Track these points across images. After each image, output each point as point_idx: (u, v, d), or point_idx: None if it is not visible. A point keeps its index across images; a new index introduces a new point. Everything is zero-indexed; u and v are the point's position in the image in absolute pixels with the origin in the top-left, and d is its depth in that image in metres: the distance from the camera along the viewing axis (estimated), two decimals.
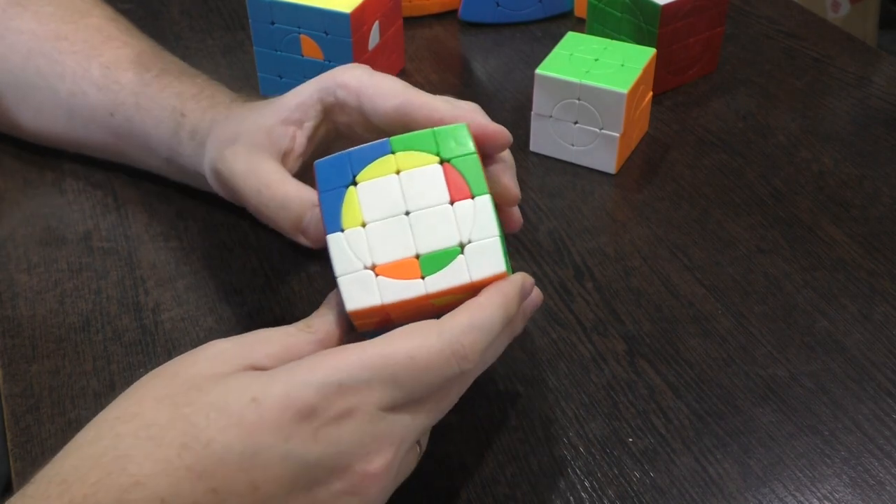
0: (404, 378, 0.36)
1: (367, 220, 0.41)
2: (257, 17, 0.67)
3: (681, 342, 0.52)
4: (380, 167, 0.42)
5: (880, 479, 0.45)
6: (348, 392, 0.35)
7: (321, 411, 0.35)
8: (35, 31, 0.61)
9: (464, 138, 0.42)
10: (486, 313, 0.38)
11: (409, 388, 0.37)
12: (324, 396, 0.35)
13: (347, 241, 0.40)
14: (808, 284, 0.55)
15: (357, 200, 0.41)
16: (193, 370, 0.36)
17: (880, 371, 0.50)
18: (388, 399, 0.36)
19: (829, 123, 0.69)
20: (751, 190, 0.63)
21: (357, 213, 0.41)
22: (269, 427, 0.34)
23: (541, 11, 0.82)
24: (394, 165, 0.42)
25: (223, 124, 0.51)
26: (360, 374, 0.36)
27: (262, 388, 0.35)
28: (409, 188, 0.41)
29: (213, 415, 0.34)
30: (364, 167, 0.42)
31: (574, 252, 0.58)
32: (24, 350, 0.51)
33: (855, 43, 0.79)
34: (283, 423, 0.34)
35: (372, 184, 0.41)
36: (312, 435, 0.35)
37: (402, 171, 0.41)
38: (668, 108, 0.71)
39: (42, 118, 0.62)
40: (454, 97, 0.74)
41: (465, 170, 0.41)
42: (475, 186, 0.41)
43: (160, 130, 0.56)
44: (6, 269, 0.56)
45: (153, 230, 0.59)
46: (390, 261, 0.40)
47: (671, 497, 0.44)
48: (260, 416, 0.34)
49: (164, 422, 0.34)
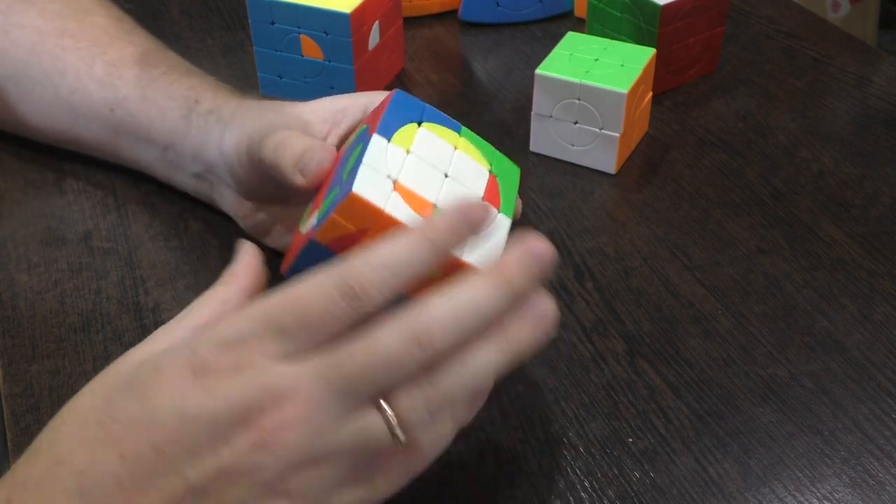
0: (287, 322, 0.34)
1: (413, 151, 0.41)
2: (257, 17, 0.67)
3: (681, 342, 0.52)
4: (444, 133, 0.43)
5: (880, 479, 0.45)
6: (237, 345, 0.35)
7: (211, 365, 0.34)
8: (40, 27, 0.61)
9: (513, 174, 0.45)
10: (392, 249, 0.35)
11: (297, 332, 0.34)
12: (211, 351, 0.35)
13: (388, 150, 0.41)
14: (808, 284, 0.55)
15: (414, 135, 0.42)
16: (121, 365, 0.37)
17: (880, 371, 0.50)
18: (280, 347, 0.34)
19: (829, 123, 0.69)
20: (751, 190, 0.63)
21: (408, 142, 0.42)
22: (166, 389, 0.34)
23: (541, 11, 0.82)
24: (455, 141, 0.44)
25: (255, 109, 0.53)
26: (245, 325, 0.35)
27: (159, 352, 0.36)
28: (457, 163, 0.43)
29: (123, 389, 0.35)
30: (432, 122, 0.44)
31: (574, 252, 0.58)
32: (24, 350, 0.51)
33: (855, 43, 0.79)
34: (177, 382, 0.34)
35: (432, 136, 0.43)
36: (204, 389, 0.34)
37: (459, 149, 0.43)
38: (668, 108, 0.71)
39: (42, 114, 0.62)
40: (454, 97, 0.74)
41: (503, 190, 0.43)
42: (505, 206, 0.43)
43: (166, 118, 0.56)
44: (6, 269, 0.56)
45: (153, 230, 0.59)
46: (412, 190, 0.40)
47: (671, 497, 0.44)
48: (159, 380, 0.35)
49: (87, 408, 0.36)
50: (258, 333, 0.35)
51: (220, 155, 0.53)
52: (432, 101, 0.72)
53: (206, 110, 0.55)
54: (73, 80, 0.60)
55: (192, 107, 0.56)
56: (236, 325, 0.35)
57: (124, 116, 0.58)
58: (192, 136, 0.55)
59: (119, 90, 0.58)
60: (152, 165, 0.60)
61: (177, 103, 0.56)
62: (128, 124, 0.58)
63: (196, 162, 0.56)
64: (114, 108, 0.59)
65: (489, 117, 0.70)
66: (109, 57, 0.60)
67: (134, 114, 0.58)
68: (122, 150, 0.61)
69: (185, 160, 0.57)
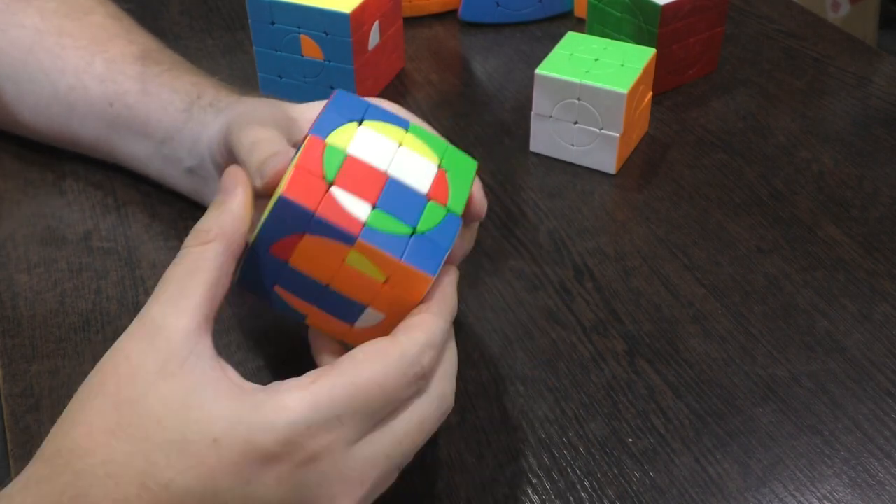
0: (375, 407, 0.36)
1: (350, 152, 0.39)
2: (257, 17, 0.67)
3: (681, 342, 0.52)
4: (388, 130, 0.41)
5: (880, 479, 0.45)
6: (317, 433, 0.34)
7: (285, 456, 0.34)
8: (38, 26, 0.61)
9: (468, 168, 0.42)
10: (439, 326, 0.38)
11: (375, 417, 0.36)
12: (288, 441, 0.34)
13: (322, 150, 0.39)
14: (808, 284, 0.55)
15: (353, 135, 0.40)
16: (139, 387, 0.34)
17: (880, 371, 0.50)
18: (358, 431, 0.35)
19: (829, 123, 0.69)
20: (751, 190, 0.63)
21: (346, 141, 0.40)
22: (229, 470, 0.33)
23: (541, 11, 0.82)
24: (400, 138, 0.41)
25: (248, 104, 0.52)
26: (330, 412, 0.34)
27: (224, 427, 0.33)
28: (400, 160, 0.40)
29: (172, 454, 0.33)
30: (375, 120, 0.41)
31: (574, 252, 0.58)
32: (24, 350, 0.51)
33: (855, 43, 0.79)
34: (244, 467, 0.33)
35: (373, 134, 0.41)
36: (276, 480, 0.34)
37: (404, 146, 0.41)
38: (668, 108, 0.71)
39: (39, 113, 0.62)
40: (454, 97, 0.74)
41: (453, 185, 0.41)
42: (454, 202, 0.41)
43: (167, 111, 0.56)
44: (6, 269, 0.56)
45: (153, 230, 0.59)
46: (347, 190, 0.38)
47: (671, 497, 0.44)
48: (220, 458, 0.33)
49: (122, 458, 0.33)
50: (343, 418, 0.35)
51: (209, 145, 0.53)
52: (432, 101, 0.72)
53: (206, 103, 0.55)
54: (73, 78, 0.60)
55: (194, 101, 0.56)
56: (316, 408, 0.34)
57: (122, 110, 0.58)
58: (190, 129, 0.55)
59: (120, 84, 0.59)
60: (146, 161, 0.60)
61: (179, 97, 0.57)
62: (125, 118, 0.58)
63: (191, 155, 0.56)
64: (113, 103, 0.59)
65: (489, 117, 0.70)
66: (110, 54, 0.60)
67: (133, 107, 0.58)
68: (116, 147, 0.60)
69: (181, 153, 0.56)
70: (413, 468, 0.45)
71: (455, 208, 0.40)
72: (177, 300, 0.36)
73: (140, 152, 0.60)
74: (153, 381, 0.34)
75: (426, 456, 0.46)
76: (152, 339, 0.35)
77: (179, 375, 0.34)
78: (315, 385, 0.35)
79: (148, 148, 0.59)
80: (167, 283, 0.36)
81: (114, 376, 0.35)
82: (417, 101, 0.72)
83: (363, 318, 0.40)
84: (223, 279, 0.37)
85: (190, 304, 0.35)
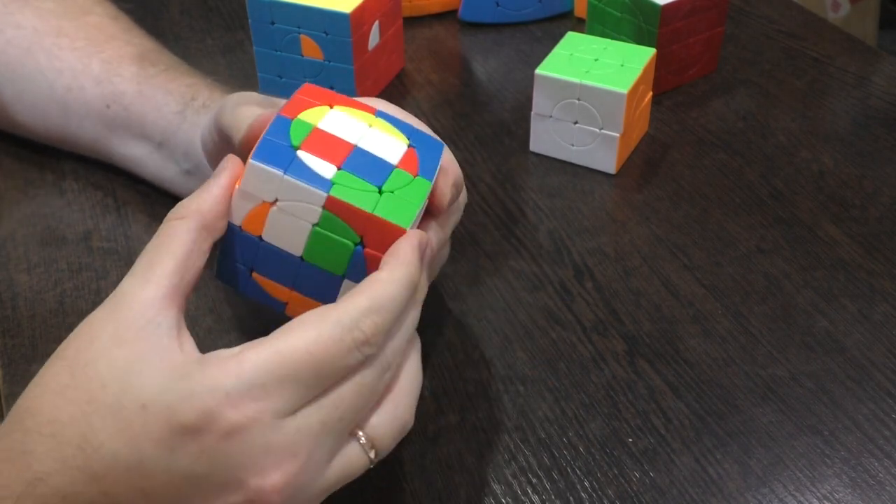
0: (304, 375, 0.34)
1: (318, 126, 0.40)
2: (257, 17, 0.67)
3: (681, 342, 0.52)
4: (357, 114, 0.42)
5: (880, 479, 0.45)
6: (240, 403, 0.33)
7: (206, 427, 0.33)
8: (36, 26, 0.61)
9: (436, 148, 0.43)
10: (388, 291, 0.36)
11: (309, 386, 0.34)
12: (208, 413, 0.33)
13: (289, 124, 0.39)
14: (808, 284, 0.55)
15: (323, 115, 0.41)
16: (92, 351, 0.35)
17: (880, 371, 0.50)
18: (287, 402, 0.34)
19: (829, 123, 0.69)
20: (751, 190, 0.63)
21: (317, 118, 0.40)
22: (153, 438, 0.33)
23: (541, 11, 0.82)
24: (370, 121, 0.42)
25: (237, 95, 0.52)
26: (255, 381, 0.33)
27: (153, 395, 0.33)
28: (369, 137, 0.41)
29: (107, 418, 0.33)
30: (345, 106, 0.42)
31: (574, 252, 0.58)
32: (24, 350, 0.51)
33: (855, 43, 0.79)
34: (167, 436, 0.33)
35: (343, 115, 0.41)
36: (198, 451, 0.33)
37: (374, 127, 0.41)
38: (668, 108, 0.71)
39: (36, 113, 0.62)
40: (454, 97, 0.74)
41: (422, 160, 0.41)
42: (423, 171, 0.41)
43: (162, 112, 0.56)
44: (6, 269, 0.56)
45: (153, 230, 0.58)
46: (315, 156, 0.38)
47: (671, 497, 0.44)
48: (145, 425, 0.33)
49: (65, 419, 0.34)
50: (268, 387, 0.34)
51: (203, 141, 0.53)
52: (432, 101, 0.72)
53: (200, 105, 0.55)
54: (70, 79, 0.60)
55: (189, 103, 0.56)
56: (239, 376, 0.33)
57: (119, 111, 0.58)
58: (185, 131, 0.55)
59: (116, 86, 0.59)
60: (144, 163, 0.60)
61: (173, 98, 0.57)
62: (122, 120, 0.58)
63: (187, 158, 0.56)
64: (109, 104, 0.59)
65: (489, 117, 0.70)
66: (107, 55, 0.60)
67: (129, 109, 0.58)
68: (114, 148, 0.60)
69: (176, 156, 0.57)
70: (413, 468, 0.45)
71: (423, 174, 0.40)
72: (144, 271, 0.36)
73: (137, 154, 0.60)
74: (106, 347, 0.35)
75: (426, 456, 0.46)
76: (114, 308, 0.36)
77: (131, 342, 0.34)
78: (241, 354, 0.34)
79: (145, 150, 0.59)
80: (141, 256, 0.37)
81: (74, 341, 0.36)
82: (417, 101, 0.72)
83: (342, 293, 0.39)
84: (195, 253, 0.37)
85: (155, 274, 0.36)
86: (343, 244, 0.38)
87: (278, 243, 0.39)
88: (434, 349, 0.52)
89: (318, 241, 0.38)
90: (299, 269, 0.39)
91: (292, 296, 0.40)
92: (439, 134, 0.57)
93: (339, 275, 0.39)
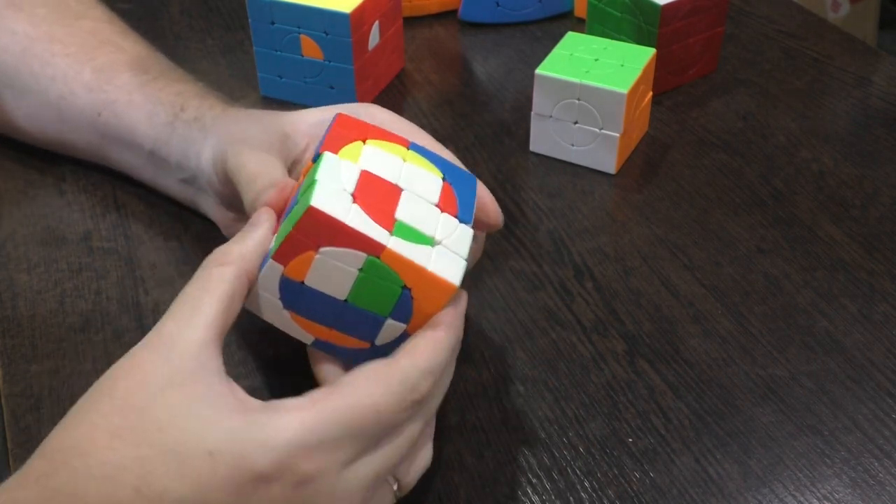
0: (370, 431, 0.36)
1: (361, 164, 0.40)
2: (257, 17, 0.67)
3: (681, 342, 0.52)
4: (390, 147, 0.42)
5: (880, 479, 0.45)
6: (312, 455, 0.34)
7: (279, 477, 0.34)
8: (29, 32, 0.61)
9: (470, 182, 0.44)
10: (442, 355, 0.38)
11: (371, 438, 0.36)
12: (282, 463, 0.34)
13: (339, 164, 0.39)
14: (808, 284, 0.55)
15: (360, 152, 0.41)
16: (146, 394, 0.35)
17: (880, 371, 0.50)
18: (352, 454, 0.36)
19: (829, 123, 0.69)
20: (751, 190, 0.63)
21: (356, 157, 0.41)
22: (222, 486, 0.33)
23: (541, 11, 0.82)
24: (403, 154, 0.42)
25: (235, 119, 0.52)
26: (327, 435, 0.35)
27: (221, 442, 0.34)
28: (408, 174, 0.41)
29: (169, 463, 0.33)
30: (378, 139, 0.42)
31: (574, 252, 0.58)
32: (24, 350, 0.51)
33: (855, 43, 0.79)
34: (237, 484, 0.33)
35: (378, 151, 0.41)
36: (268, 499, 0.34)
37: (408, 161, 0.42)
38: (668, 108, 0.71)
39: (32, 119, 0.62)
40: (454, 97, 0.74)
41: (460, 197, 0.42)
42: (463, 213, 0.41)
43: (152, 122, 0.56)
44: (6, 269, 0.56)
45: (153, 230, 0.59)
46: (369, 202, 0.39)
47: (671, 497, 0.44)
48: (214, 472, 0.33)
49: (120, 462, 0.33)
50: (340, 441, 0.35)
51: (199, 165, 0.53)
52: (432, 101, 0.72)
53: (190, 118, 0.55)
54: (63, 87, 0.59)
55: (178, 113, 0.55)
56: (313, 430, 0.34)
57: (111, 120, 0.58)
58: (176, 144, 0.55)
59: (108, 94, 0.58)
60: (139, 170, 0.60)
61: (163, 108, 0.56)
62: (114, 128, 0.58)
63: (181, 169, 0.56)
64: (101, 113, 0.58)
65: (489, 117, 0.70)
66: (98, 62, 0.59)
67: (120, 118, 0.58)
68: (109, 155, 0.60)
69: (170, 166, 0.56)
70: None
71: (465, 219, 0.41)
72: (191, 315, 0.37)
73: (132, 161, 0.59)
74: (161, 390, 0.35)
75: None
76: (165, 350, 0.36)
77: (186, 386, 0.35)
78: (314, 408, 0.35)
79: (138, 158, 0.58)
80: (183, 298, 0.37)
81: (124, 381, 0.35)
82: (417, 101, 0.72)
83: (383, 331, 0.40)
84: (236, 300, 0.38)
85: (203, 319, 0.36)
86: (391, 289, 0.39)
87: (322, 288, 0.39)
88: None
89: (364, 285, 0.39)
90: (342, 311, 0.40)
91: (331, 334, 0.41)
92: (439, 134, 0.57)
93: (383, 315, 0.40)
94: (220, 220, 0.56)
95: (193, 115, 0.55)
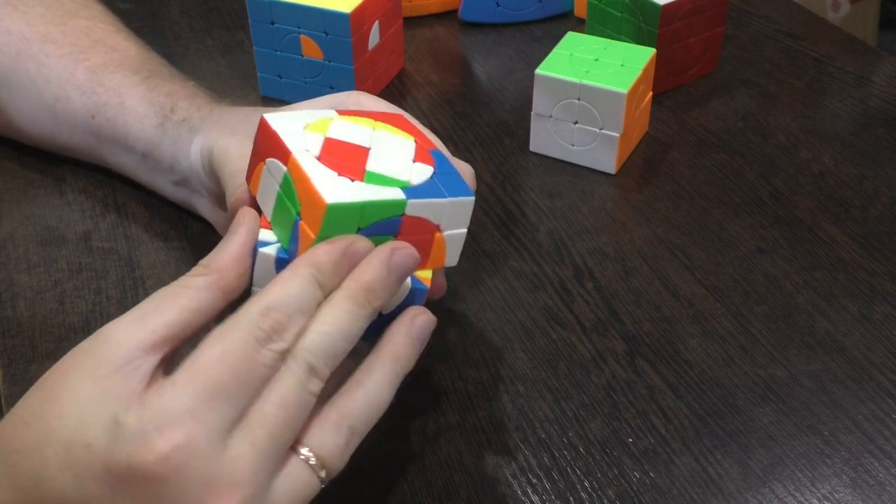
0: (228, 387, 0.33)
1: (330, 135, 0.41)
2: (257, 17, 0.67)
3: (681, 342, 0.52)
4: (358, 119, 0.43)
5: (880, 479, 0.45)
6: (167, 432, 0.33)
7: (138, 467, 0.33)
8: (24, 32, 0.61)
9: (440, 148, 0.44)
10: (296, 286, 0.35)
11: (232, 399, 0.34)
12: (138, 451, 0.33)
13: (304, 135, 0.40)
14: (808, 284, 0.55)
15: (329, 124, 0.41)
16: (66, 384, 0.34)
17: (880, 371, 0.50)
18: (219, 423, 0.33)
19: (829, 123, 0.69)
20: (751, 190, 0.63)
21: (323, 128, 0.41)
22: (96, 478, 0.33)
23: (541, 11, 0.82)
24: (372, 124, 0.43)
25: (224, 115, 0.52)
26: (178, 407, 0.33)
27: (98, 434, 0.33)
28: (378, 138, 0.42)
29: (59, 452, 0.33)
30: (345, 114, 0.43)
31: (574, 252, 0.58)
32: (24, 350, 0.51)
33: (855, 43, 0.79)
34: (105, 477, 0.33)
35: (346, 121, 0.42)
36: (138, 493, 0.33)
37: (378, 130, 0.42)
38: (668, 108, 0.71)
39: (29, 120, 0.62)
40: (454, 97, 0.74)
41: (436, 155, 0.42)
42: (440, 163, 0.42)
43: (143, 124, 0.56)
44: (6, 269, 0.56)
45: (153, 230, 0.59)
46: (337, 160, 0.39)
47: (671, 497, 0.44)
48: (88, 463, 0.33)
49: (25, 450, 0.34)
50: (192, 411, 0.33)
51: (190, 166, 0.53)
52: (432, 101, 0.72)
53: (179, 119, 0.55)
54: (57, 88, 0.59)
55: (168, 115, 0.55)
56: (171, 404, 0.33)
57: (103, 122, 0.58)
58: (167, 147, 0.55)
59: (100, 97, 0.58)
60: (134, 171, 0.60)
61: (153, 111, 0.56)
62: (107, 131, 0.58)
63: (173, 171, 0.56)
64: (94, 115, 0.58)
65: (489, 117, 0.70)
66: (91, 63, 0.59)
67: (113, 120, 0.58)
68: (105, 156, 0.60)
69: (162, 168, 0.56)
70: (413, 468, 0.45)
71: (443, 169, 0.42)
72: (144, 313, 0.36)
73: (126, 163, 0.59)
74: (79, 380, 0.34)
75: (426, 456, 0.46)
76: (100, 343, 0.35)
77: (103, 380, 0.34)
78: (161, 387, 0.34)
79: (132, 160, 0.59)
80: (150, 297, 0.36)
81: (55, 372, 0.35)
82: (417, 101, 0.72)
83: None
84: (204, 311, 0.36)
85: (153, 319, 0.35)
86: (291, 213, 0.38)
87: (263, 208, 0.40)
88: (434, 349, 0.51)
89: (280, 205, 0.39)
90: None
91: None
92: (439, 134, 0.57)
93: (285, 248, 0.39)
94: (215, 220, 0.56)
95: (183, 116, 0.55)
